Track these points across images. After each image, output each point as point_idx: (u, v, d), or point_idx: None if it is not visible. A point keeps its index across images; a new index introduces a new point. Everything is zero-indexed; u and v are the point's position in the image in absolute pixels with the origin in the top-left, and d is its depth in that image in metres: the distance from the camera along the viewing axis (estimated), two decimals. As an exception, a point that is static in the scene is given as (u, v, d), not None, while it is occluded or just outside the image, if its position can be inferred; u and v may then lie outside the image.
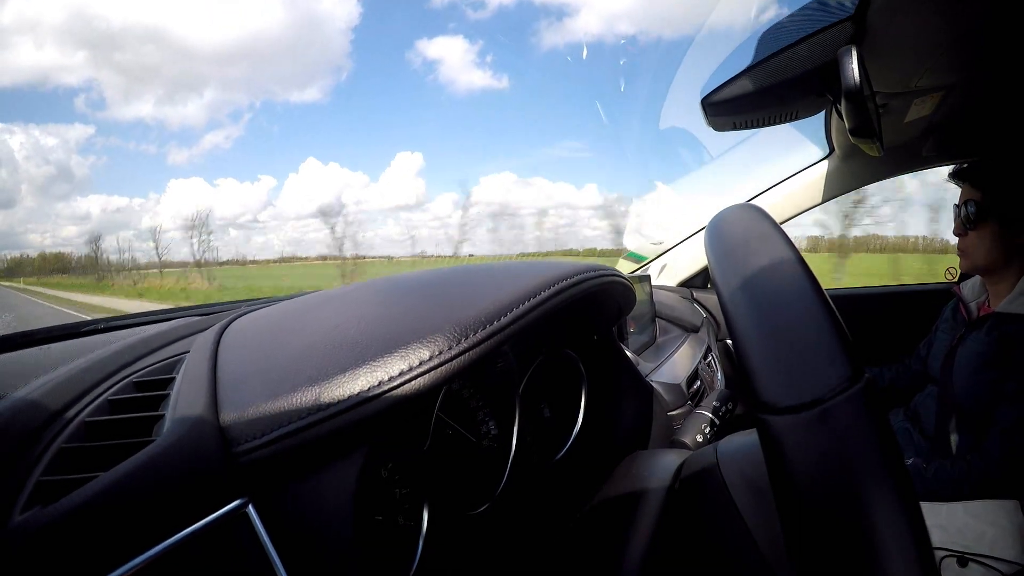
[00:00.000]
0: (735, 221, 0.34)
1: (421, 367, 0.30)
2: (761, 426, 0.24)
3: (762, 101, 0.84)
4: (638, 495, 0.43)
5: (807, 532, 0.22)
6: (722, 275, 0.30)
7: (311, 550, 0.28)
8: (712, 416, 0.75)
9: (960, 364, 1.06)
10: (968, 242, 1.08)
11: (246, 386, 0.31)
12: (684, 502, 0.40)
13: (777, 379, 0.24)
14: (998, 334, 1.01)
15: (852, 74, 0.70)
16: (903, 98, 1.03)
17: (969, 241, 1.08)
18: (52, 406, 0.31)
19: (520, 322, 0.35)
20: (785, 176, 1.52)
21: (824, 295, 0.26)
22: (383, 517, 0.41)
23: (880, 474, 0.21)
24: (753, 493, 0.35)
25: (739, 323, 0.27)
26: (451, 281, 0.41)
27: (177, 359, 0.38)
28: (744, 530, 0.34)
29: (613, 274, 0.49)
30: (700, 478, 0.39)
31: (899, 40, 0.80)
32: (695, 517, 0.39)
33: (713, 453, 0.39)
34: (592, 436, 0.63)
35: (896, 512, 0.20)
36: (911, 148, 1.36)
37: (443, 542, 0.43)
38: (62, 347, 0.47)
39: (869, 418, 0.22)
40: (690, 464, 0.42)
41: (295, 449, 0.28)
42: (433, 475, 0.45)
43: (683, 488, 0.41)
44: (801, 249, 0.29)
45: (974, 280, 1.17)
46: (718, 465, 0.38)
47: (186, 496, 0.25)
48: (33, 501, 0.24)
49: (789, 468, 0.22)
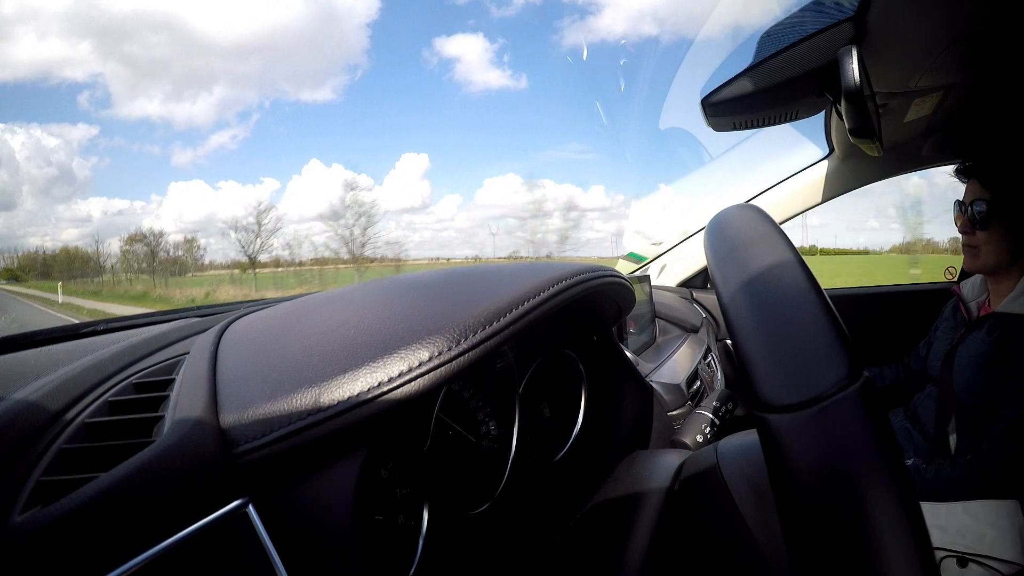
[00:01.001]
0: (735, 221, 0.34)
1: (421, 368, 0.30)
2: (760, 424, 0.24)
3: (762, 101, 0.84)
4: (638, 495, 0.43)
5: (807, 531, 0.22)
6: (722, 275, 0.30)
7: (311, 550, 0.28)
8: (712, 416, 0.75)
9: (960, 364, 1.06)
10: (976, 241, 1.07)
11: (246, 387, 0.31)
12: (684, 502, 0.40)
13: (776, 378, 0.24)
14: (999, 334, 1.01)
15: (852, 74, 0.70)
16: (903, 98, 1.03)
17: (977, 240, 1.07)
18: (52, 407, 0.31)
19: (520, 322, 0.35)
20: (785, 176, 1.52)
21: (823, 294, 0.26)
22: (383, 517, 0.41)
23: (879, 473, 0.21)
24: (753, 493, 0.35)
25: (738, 322, 0.27)
26: (450, 282, 0.41)
27: (177, 360, 0.38)
28: (744, 530, 0.34)
29: (612, 274, 0.49)
30: (700, 478, 0.39)
31: (899, 40, 0.80)
32: (695, 517, 0.39)
33: (713, 453, 0.39)
34: (592, 436, 0.63)
35: (896, 511, 0.20)
36: (911, 148, 1.36)
37: (443, 542, 0.43)
38: (62, 348, 0.47)
39: (867, 417, 0.22)
40: (690, 464, 0.42)
41: (295, 450, 0.28)
42: (433, 475, 0.45)
43: (683, 488, 0.41)
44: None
45: (974, 280, 1.17)
46: (718, 465, 0.38)
47: (186, 496, 0.25)
48: (33, 501, 0.24)
49: (788, 466, 0.23)
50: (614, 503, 0.45)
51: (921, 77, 0.93)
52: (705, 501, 0.38)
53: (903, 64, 0.88)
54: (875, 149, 0.89)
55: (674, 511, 0.41)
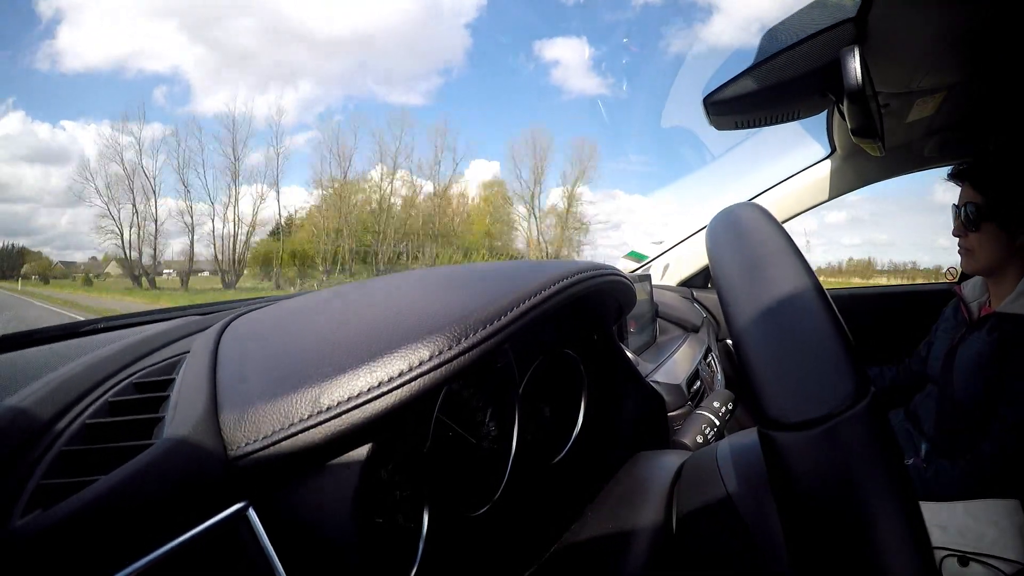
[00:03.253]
0: (736, 221, 0.34)
1: (421, 367, 0.30)
2: (766, 442, 0.24)
3: (764, 100, 0.84)
4: (638, 496, 0.43)
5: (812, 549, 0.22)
6: (723, 277, 0.30)
7: (312, 553, 0.28)
8: (712, 416, 0.75)
9: (960, 364, 1.06)
10: (969, 243, 1.09)
11: (246, 387, 0.31)
12: (684, 503, 0.40)
13: (783, 395, 0.23)
14: (999, 334, 1.01)
15: (854, 74, 0.70)
16: (905, 98, 1.03)
17: (970, 242, 1.08)
18: (53, 407, 0.30)
19: (521, 321, 0.35)
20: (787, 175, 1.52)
21: (828, 300, 0.26)
22: (383, 519, 0.41)
23: (886, 493, 0.21)
24: (753, 494, 0.35)
25: (742, 333, 0.26)
26: (451, 281, 0.41)
27: (177, 359, 0.38)
28: (744, 531, 0.34)
29: (613, 273, 0.49)
30: (700, 479, 0.39)
31: (901, 41, 0.80)
32: (695, 518, 0.39)
33: (713, 453, 0.39)
34: (592, 436, 0.62)
35: (902, 532, 0.20)
36: (913, 148, 1.35)
37: (444, 543, 0.43)
38: (62, 347, 0.47)
39: (875, 435, 0.22)
40: (690, 465, 0.42)
41: (295, 451, 0.28)
42: (433, 476, 0.45)
43: (683, 489, 0.41)
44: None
45: (975, 280, 1.17)
46: (718, 466, 0.38)
47: (186, 500, 0.25)
48: (34, 504, 0.24)
49: (795, 485, 0.22)
50: (614, 504, 0.45)
51: (923, 77, 0.93)
52: (705, 502, 0.38)
53: (905, 64, 0.88)
54: (877, 149, 0.89)
55: (674, 512, 0.41)
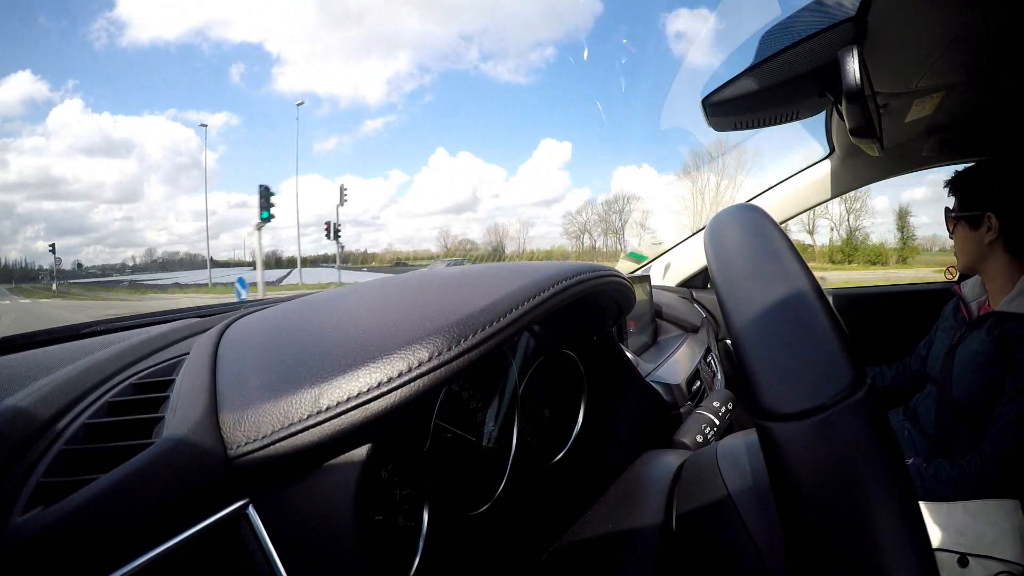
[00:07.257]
0: (735, 222, 0.34)
1: (421, 368, 0.30)
2: (762, 433, 0.24)
3: (763, 101, 0.84)
4: (638, 495, 0.43)
5: (808, 540, 0.22)
6: (722, 277, 0.30)
7: (312, 552, 0.28)
8: (712, 416, 0.75)
9: (959, 363, 1.06)
10: (954, 244, 1.15)
11: (246, 388, 0.31)
12: (684, 502, 0.40)
13: (778, 386, 0.24)
14: (998, 333, 1.01)
15: (853, 74, 0.70)
16: (904, 98, 1.03)
17: (954, 243, 1.15)
18: (53, 408, 0.31)
19: (520, 322, 0.35)
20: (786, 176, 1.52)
21: (824, 297, 0.26)
22: (383, 518, 0.41)
23: (882, 483, 0.21)
24: (753, 493, 0.35)
25: (739, 328, 0.26)
26: (451, 282, 0.41)
27: (177, 361, 0.38)
28: (744, 530, 0.34)
29: (613, 274, 0.49)
30: (700, 478, 0.39)
31: (900, 41, 0.80)
32: (695, 517, 0.39)
33: (713, 453, 0.39)
34: (592, 436, 0.63)
35: (898, 522, 0.20)
36: (911, 148, 1.36)
37: (443, 543, 0.43)
38: (62, 349, 0.47)
39: (872, 425, 0.22)
40: (690, 464, 0.42)
41: (295, 451, 0.28)
42: (433, 476, 0.45)
43: (683, 488, 0.41)
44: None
45: (975, 280, 1.17)
46: (718, 465, 0.38)
47: (186, 498, 0.25)
48: (34, 502, 0.24)
49: (790, 476, 0.22)
50: (614, 503, 0.45)
51: (922, 77, 0.93)
52: (705, 501, 0.38)
53: (904, 64, 0.88)
54: (876, 149, 0.89)
55: (674, 512, 0.41)
